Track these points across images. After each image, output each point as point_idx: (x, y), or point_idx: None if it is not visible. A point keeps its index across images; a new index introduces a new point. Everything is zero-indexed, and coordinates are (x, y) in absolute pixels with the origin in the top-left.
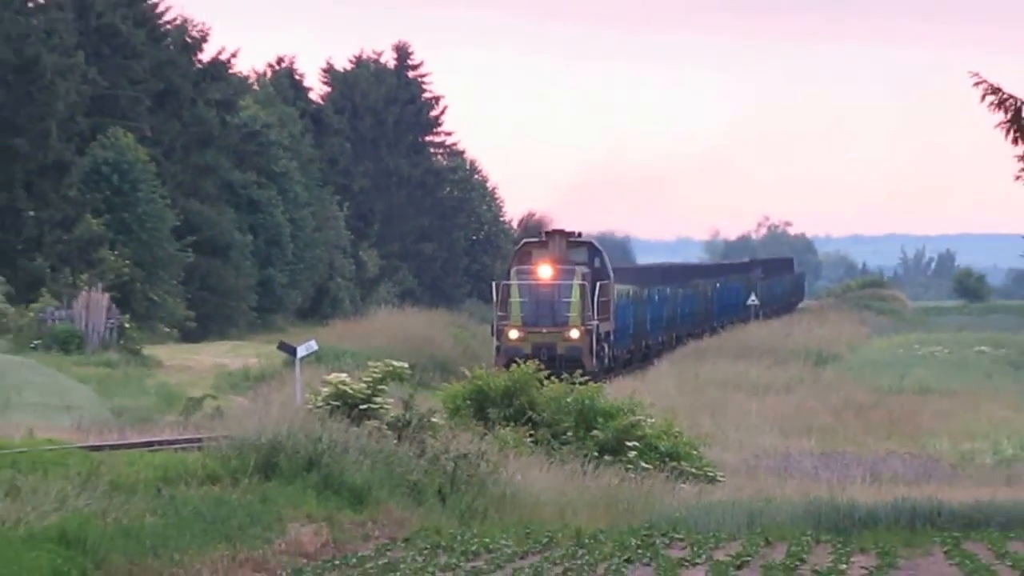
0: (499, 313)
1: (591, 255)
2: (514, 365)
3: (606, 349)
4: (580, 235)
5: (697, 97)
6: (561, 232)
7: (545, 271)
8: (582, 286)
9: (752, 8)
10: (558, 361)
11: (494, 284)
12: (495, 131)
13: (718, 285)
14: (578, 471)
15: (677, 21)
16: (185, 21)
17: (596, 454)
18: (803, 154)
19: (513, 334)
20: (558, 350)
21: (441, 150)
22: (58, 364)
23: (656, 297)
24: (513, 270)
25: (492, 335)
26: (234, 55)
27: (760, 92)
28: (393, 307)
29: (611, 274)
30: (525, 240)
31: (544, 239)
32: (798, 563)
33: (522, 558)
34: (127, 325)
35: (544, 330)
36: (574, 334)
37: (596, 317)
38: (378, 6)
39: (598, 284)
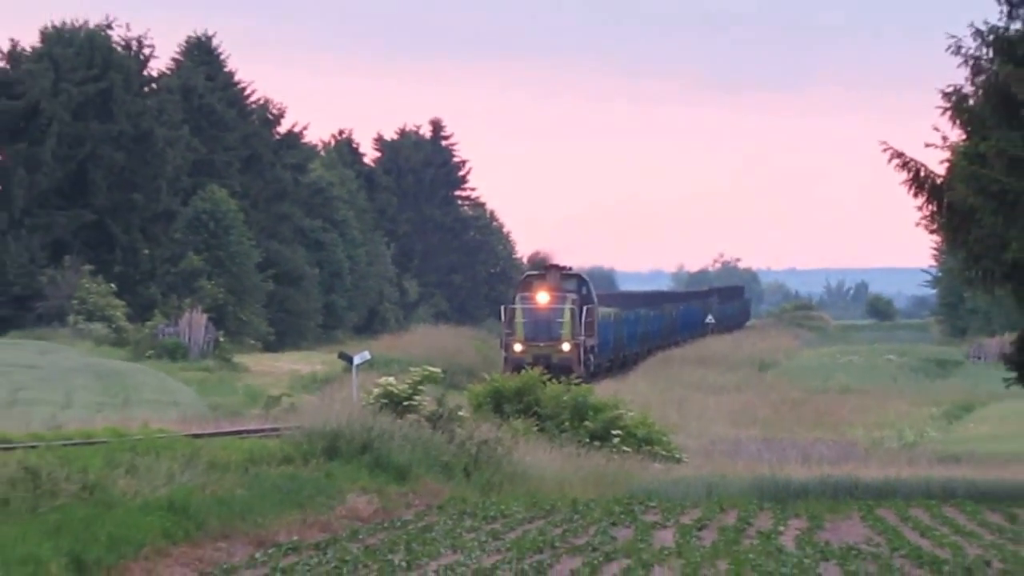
0: (506, 330)
1: (579, 285)
2: (519, 371)
3: (591, 359)
4: (571, 269)
5: (673, 157)
6: (556, 266)
7: (543, 297)
8: (572, 309)
9: (723, 90)
10: (553, 368)
11: (503, 308)
12: (510, 170)
13: (681, 308)
14: (573, 453)
15: (668, 98)
16: (267, 102)
17: (587, 440)
18: (751, 204)
19: (517, 347)
20: (553, 360)
21: (467, 202)
22: (167, 370)
23: (631, 317)
24: (518, 296)
25: (501, 348)
26: (305, 128)
27: (720, 156)
28: (429, 325)
29: (595, 299)
30: (527, 273)
31: (543, 272)
32: (746, 525)
33: (530, 522)
34: (221, 339)
35: (542, 344)
36: (566, 347)
37: (583, 334)
38: (419, 85)
39: (584, 308)
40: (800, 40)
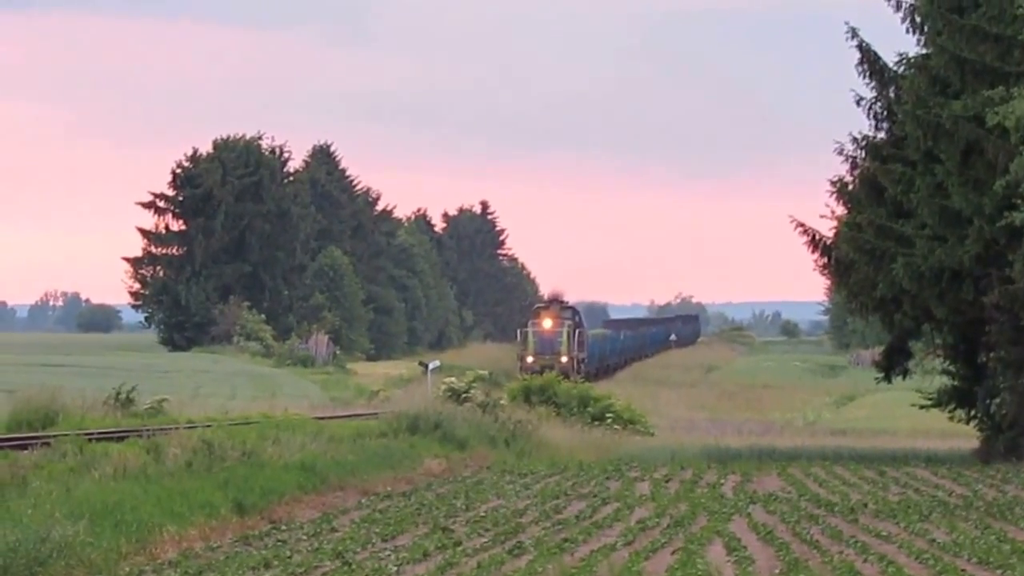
0: (521, 346)
1: (574, 315)
2: (530, 375)
3: (582, 367)
4: (568, 302)
5: (644, 221)
6: (557, 300)
7: (547, 323)
8: (568, 332)
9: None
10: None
11: (518, 330)
12: (538, 228)
13: (653, 329)
14: (580, 430)
15: (647, 180)
16: (368, 189)
17: (589, 420)
18: (700, 257)
19: (529, 359)
20: (554, 367)
21: (505, 258)
22: (300, 374)
23: (613, 337)
24: (530, 322)
25: (517, 359)
26: (395, 206)
27: (675, 221)
28: (480, 342)
29: (585, 325)
30: (536, 305)
31: (547, 305)
32: (699, 479)
33: (550, 476)
34: (337, 352)
35: (547, 356)
36: (564, 359)
37: (576, 350)
38: (474, 174)
39: (577, 331)
40: (730, 145)
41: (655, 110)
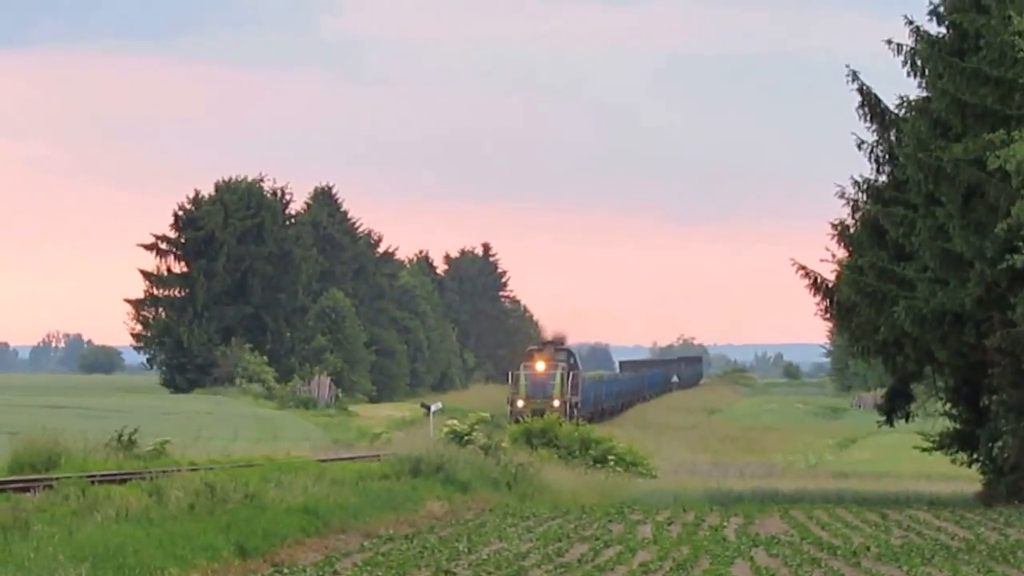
0: (512, 389)
1: (568, 356)
2: (519, 421)
3: (575, 411)
4: (562, 344)
5: (647, 266)
6: (551, 342)
7: (540, 366)
8: (562, 375)
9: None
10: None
11: (509, 373)
12: (540, 272)
13: (652, 371)
14: (581, 472)
15: (645, 227)
16: (370, 231)
17: (591, 463)
18: (702, 299)
19: (520, 403)
20: (546, 412)
21: (507, 299)
22: (302, 416)
23: (609, 379)
24: (522, 365)
25: (507, 403)
26: (396, 248)
27: (678, 267)
28: (482, 384)
29: (580, 367)
30: (529, 347)
31: (541, 347)
32: (701, 522)
33: (552, 520)
34: (339, 394)
35: (539, 400)
36: (556, 403)
37: (569, 393)
38: (474, 216)
39: (571, 373)
40: (737, 187)
41: (658, 154)
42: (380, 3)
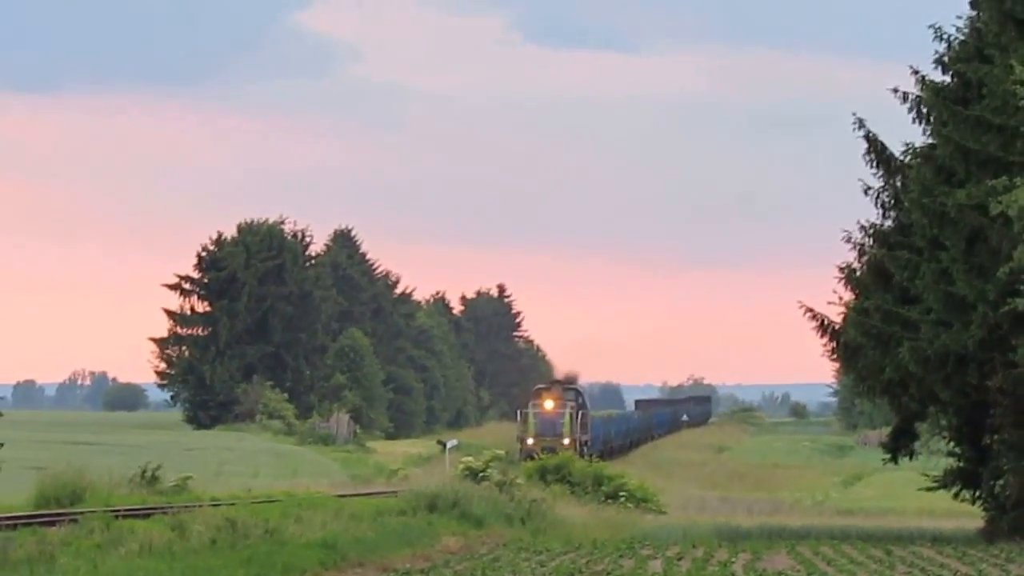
0: (521, 427)
1: (576, 396)
2: (530, 459)
3: (585, 450)
4: (571, 383)
5: (657, 308)
6: (559, 381)
7: (549, 404)
8: (571, 414)
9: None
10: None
11: (519, 411)
12: (554, 313)
13: (662, 410)
14: (594, 508)
15: (653, 270)
16: (388, 272)
17: (603, 499)
18: (713, 340)
19: (530, 440)
20: (556, 450)
21: (521, 339)
22: (321, 452)
23: (617, 418)
24: (531, 403)
25: (517, 440)
26: (414, 289)
27: (690, 310)
28: (496, 421)
29: (588, 406)
30: (538, 386)
31: (550, 386)
32: (710, 557)
33: (565, 554)
34: (357, 431)
35: (548, 438)
36: (566, 441)
37: (579, 432)
38: (490, 258)
39: (580, 412)
40: (747, 231)
41: (670, 197)
42: (398, 52)
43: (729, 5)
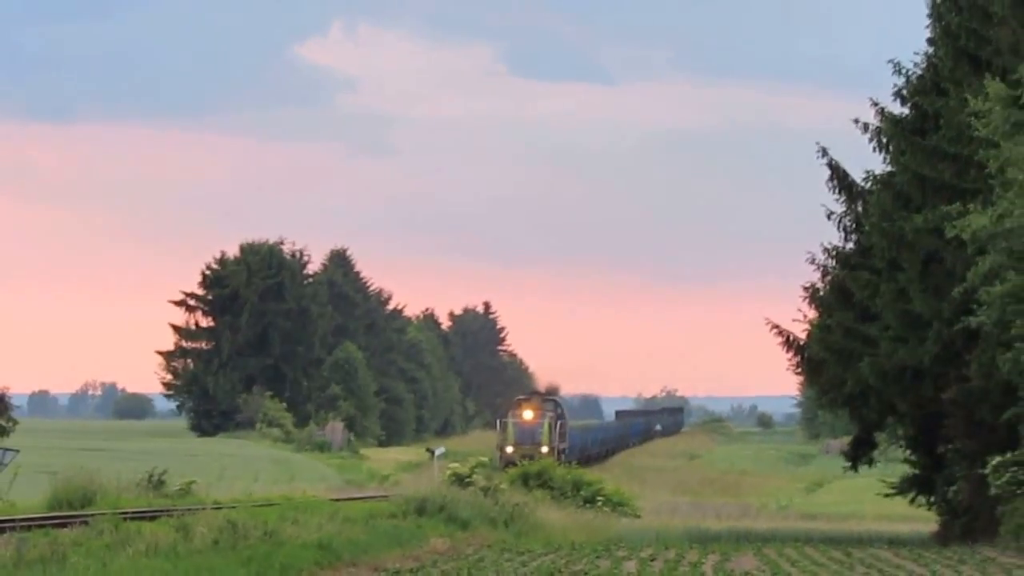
0: (501, 435)
1: (555, 406)
2: (508, 467)
3: (562, 457)
4: (551, 395)
5: (635, 323)
6: (538, 392)
7: (528, 414)
8: (549, 424)
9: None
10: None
11: (498, 420)
12: (538, 327)
13: (636, 420)
14: (572, 511)
15: (632, 287)
16: (381, 290)
17: (581, 503)
18: (684, 355)
19: (509, 449)
20: (535, 457)
21: (505, 353)
22: (318, 458)
23: (594, 428)
24: (510, 413)
25: (496, 449)
26: (405, 306)
27: (665, 323)
28: (482, 430)
29: (566, 416)
30: (518, 397)
31: (529, 396)
32: (681, 558)
33: (546, 555)
34: (351, 439)
35: (527, 447)
36: (544, 450)
37: (556, 441)
38: (476, 277)
39: (558, 422)
40: (718, 251)
41: (644, 219)
42: (390, 83)
43: (700, 43)
